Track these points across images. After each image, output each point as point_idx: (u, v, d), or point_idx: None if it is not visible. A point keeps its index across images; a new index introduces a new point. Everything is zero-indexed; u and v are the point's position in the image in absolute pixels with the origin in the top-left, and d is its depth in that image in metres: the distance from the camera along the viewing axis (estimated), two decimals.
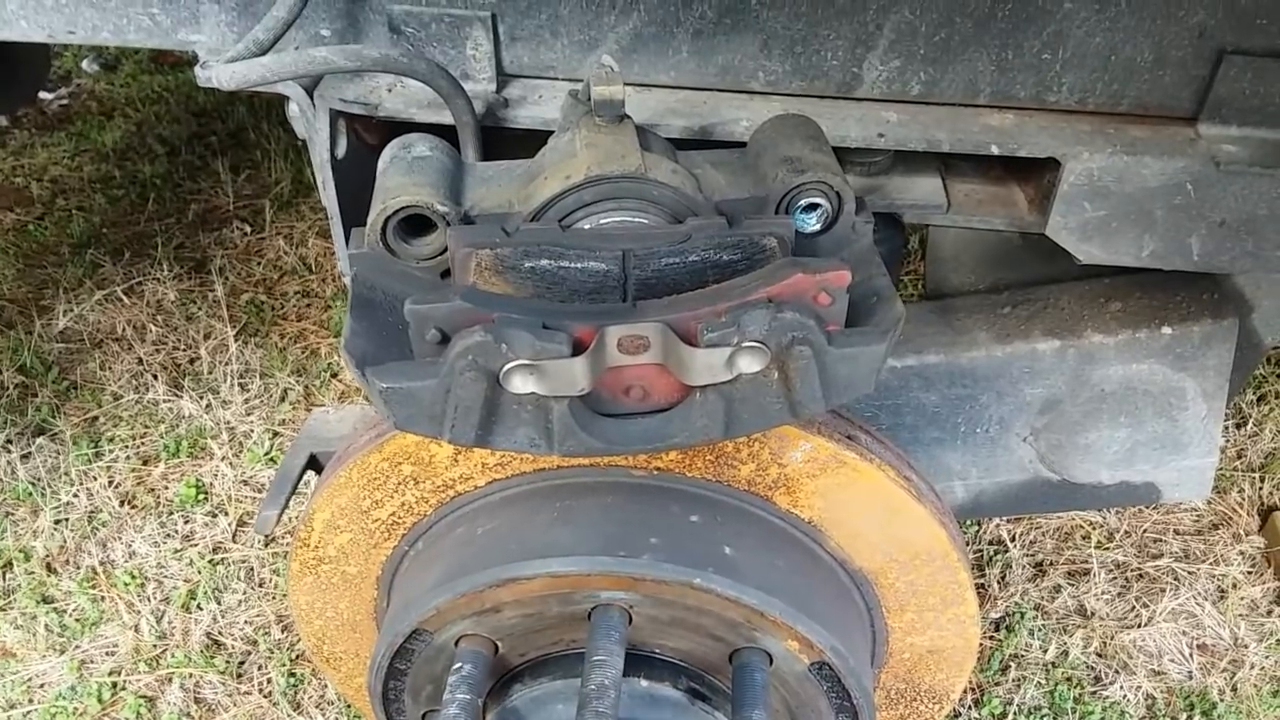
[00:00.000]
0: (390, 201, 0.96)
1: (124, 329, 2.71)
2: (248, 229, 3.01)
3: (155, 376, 2.59)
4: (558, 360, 0.89)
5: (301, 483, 1.30)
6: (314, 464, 1.30)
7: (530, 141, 1.17)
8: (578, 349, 0.90)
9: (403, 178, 0.98)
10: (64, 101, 3.64)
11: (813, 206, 1.03)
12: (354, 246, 1.01)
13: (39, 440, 2.46)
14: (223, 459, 2.43)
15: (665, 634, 1.12)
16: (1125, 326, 1.35)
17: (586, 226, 0.98)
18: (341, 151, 1.29)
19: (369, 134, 1.30)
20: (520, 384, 0.90)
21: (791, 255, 0.96)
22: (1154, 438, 1.41)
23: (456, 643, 1.13)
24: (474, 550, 1.13)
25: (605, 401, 0.97)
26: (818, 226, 1.04)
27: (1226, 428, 2.55)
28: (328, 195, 1.30)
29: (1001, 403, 1.40)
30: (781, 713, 1.17)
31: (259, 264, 2.90)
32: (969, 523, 2.36)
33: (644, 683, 1.12)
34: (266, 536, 2.31)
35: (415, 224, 0.99)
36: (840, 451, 1.11)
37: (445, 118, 1.21)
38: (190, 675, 2.08)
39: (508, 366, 0.88)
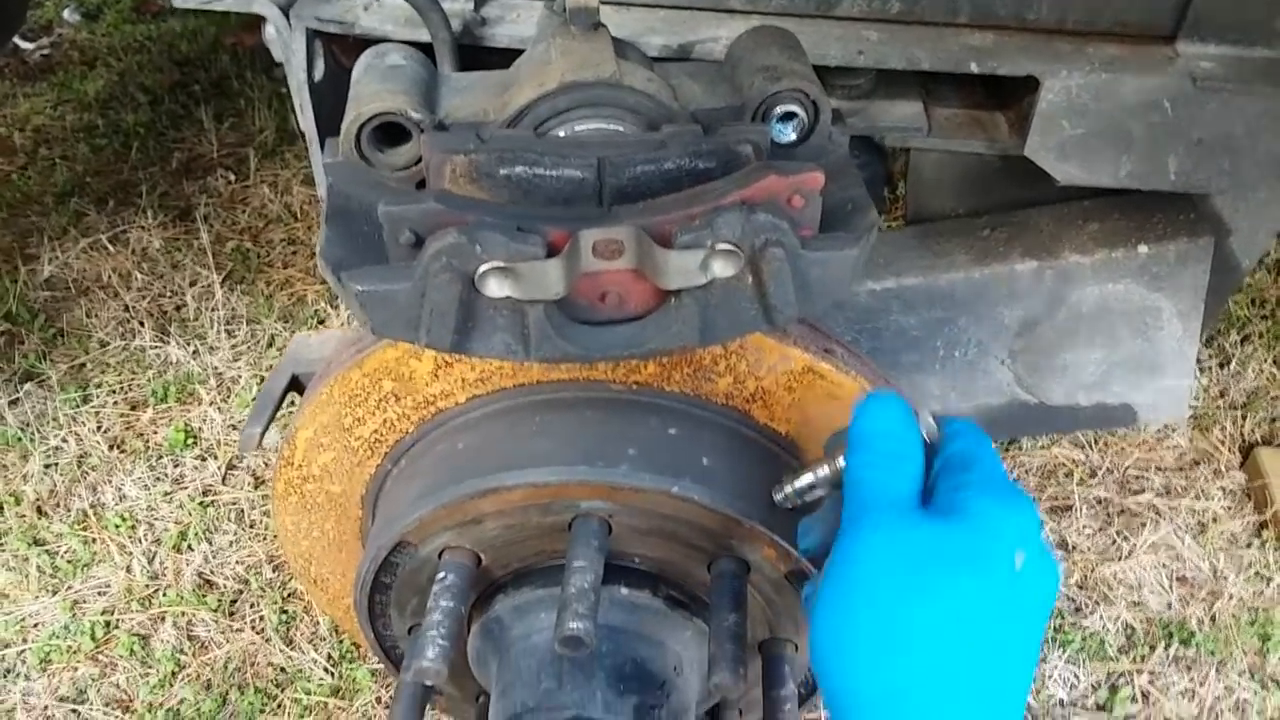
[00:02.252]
0: (364, 108, 0.96)
1: (109, 276, 2.70)
2: (232, 177, 2.99)
3: (142, 323, 2.59)
4: (532, 262, 0.89)
5: (285, 405, 1.31)
6: (296, 385, 1.31)
7: (511, 61, 1.17)
8: (552, 252, 0.90)
9: (377, 85, 0.98)
10: (45, 51, 3.61)
11: (789, 116, 1.03)
12: (328, 156, 1.01)
13: (26, 386, 2.47)
14: (211, 404, 2.44)
15: (644, 543, 1.14)
16: (1102, 246, 1.36)
17: (561, 134, 0.98)
18: (319, 74, 1.29)
19: (346, 56, 1.30)
20: (495, 287, 0.90)
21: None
22: (1130, 358, 1.42)
23: (440, 555, 1.15)
24: (455, 464, 1.15)
25: (581, 308, 0.97)
26: (794, 136, 1.05)
27: (1210, 367, 2.57)
28: (305, 119, 1.29)
29: (980, 325, 1.41)
30: (759, 621, 1.19)
31: (244, 212, 2.89)
32: None
33: (624, 590, 1.14)
34: (256, 479, 2.33)
35: (390, 133, 0.99)
36: (815, 363, 1.12)
37: (423, 36, 1.21)
38: (183, 614, 2.11)
39: (482, 269, 0.89)
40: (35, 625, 2.10)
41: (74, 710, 1.97)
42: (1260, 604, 2.17)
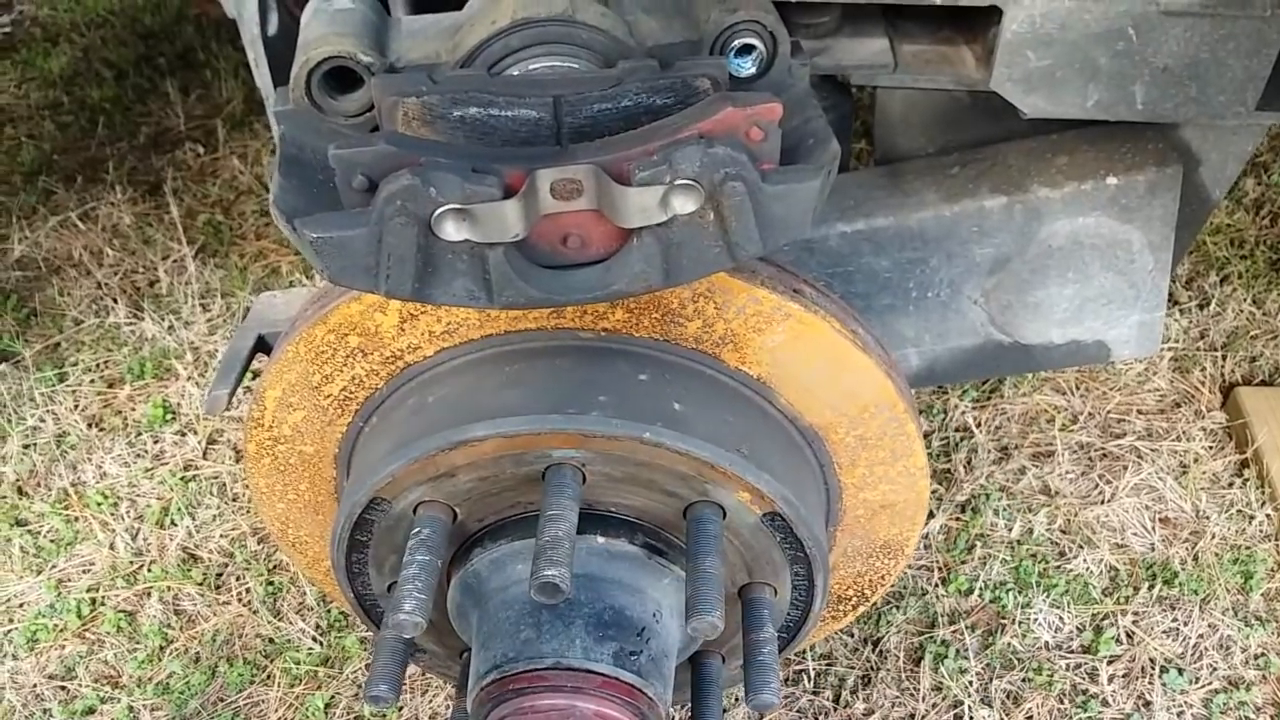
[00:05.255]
0: (312, 53, 0.94)
1: (80, 254, 2.68)
2: (201, 150, 2.96)
3: (115, 300, 2.57)
4: (489, 204, 0.88)
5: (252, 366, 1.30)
6: (263, 346, 1.29)
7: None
8: (509, 193, 0.89)
9: (324, 29, 0.96)
10: (7, 30, 3.55)
11: (747, 49, 1.02)
12: (280, 104, 0.99)
13: (1, 367, 2.44)
14: (188, 379, 2.43)
15: (619, 492, 1.13)
16: (1071, 179, 1.35)
17: (516, 73, 0.97)
18: (273, 28, 1.26)
19: (299, 9, 1.27)
20: (453, 230, 0.89)
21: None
22: (1102, 293, 1.42)
23: (415, 510, 1.14)
24: (426, 418, 1.14)
25: (543, 253, 0.96)
26: (753, 70, 1.03)
27: (1189, 308, 2.58)
28: (261, 75, 1.27)
29: (951, 264, 1.40)
30: (737, 566, 1.19)
31: (214, 184, 2.86)
32: (935, 410, 2.39)
33: (600, 540, 1.14)
34: (237, 452, 2.31)
35: (341, 78, 0.98)
36: (785, 303, 1.11)
37: None
38: (168, 588, 2.10)
39: (438, 211, 0.87)
40: (21, 605, 2.09)
41: (62, 687, 1.96)
42: (1242, 542, 2.19)
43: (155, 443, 2.34)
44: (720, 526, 1.11)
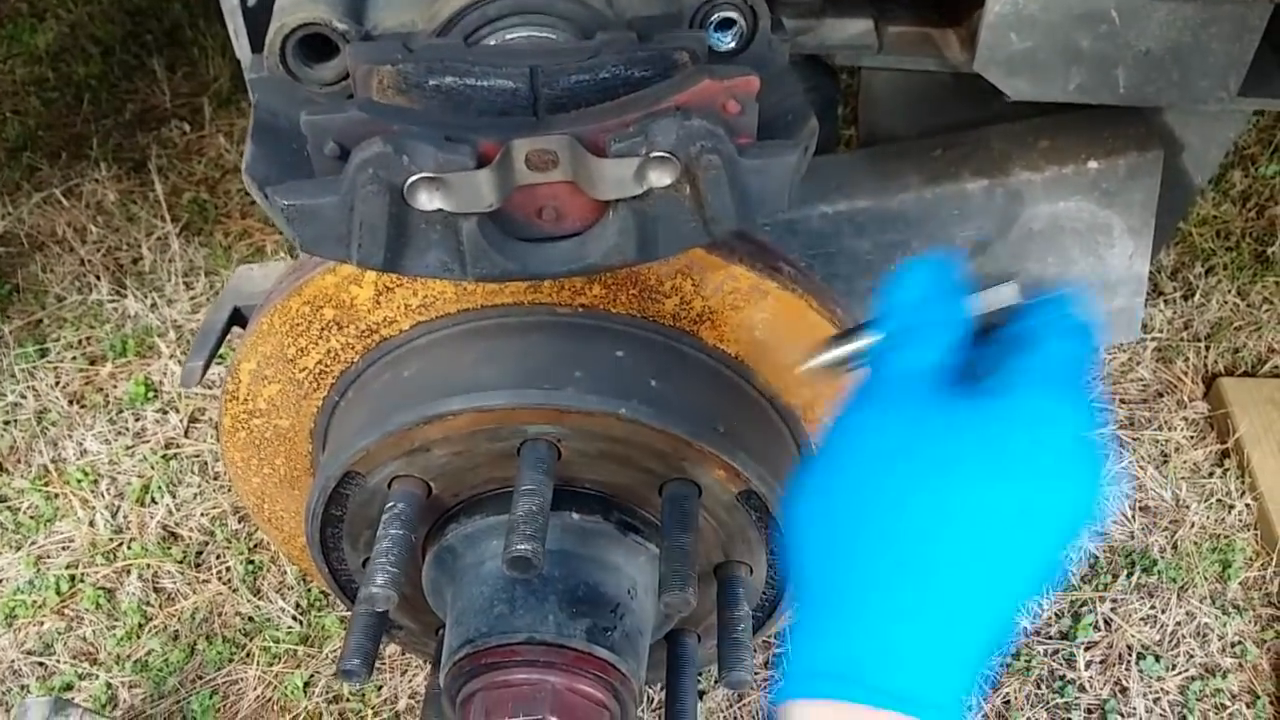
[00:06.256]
0: (286, 19, 0.93)
1: (64, 231, 2.66)
2: (187, 127, 2.94)
3: (98, 277, 2.55)
4: (462, 173, 0.87)
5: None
6: (239, 319, 1.28)
7: None
8: (483, 162, 0.88)
9: None
10: None
11: (727, 23, 1.01)
12: (254, 71, 0.98)
13: None
14: (171, 357, 2.41)
15: (595, 468, 1.13)
16: (1052, 163, 1.35)
17: (493, 43, 0.96)
18: None
19: None
20: (426, 200, 0.88)
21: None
22: (1082, 278, 1.42)
23: (389, 485, 1.14)
24: (401, 392, 1.13)
25: (519, 225, 0.95)
26: (733, 44, 1.02)
27: (1174, 299, 2.58)
28: (240, 45, 1.26)
29: (933, 247, 1.40)
30: (713, 544, 1.19)
31: (200, 162, 2.84)
32: None
33: (575, 516, 1.14)
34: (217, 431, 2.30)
35: (316, 46, 0.97)
36: (762, 281, 1.11)
37: None
38: (148, 566, 2.10)
39: (411, 180, 0.86)
40: None
41: (40, 663, 1.96)
42: (1221, 531, 2.20)
43: (136, 420, 2.33)
44: (695, 504, 1.11)
